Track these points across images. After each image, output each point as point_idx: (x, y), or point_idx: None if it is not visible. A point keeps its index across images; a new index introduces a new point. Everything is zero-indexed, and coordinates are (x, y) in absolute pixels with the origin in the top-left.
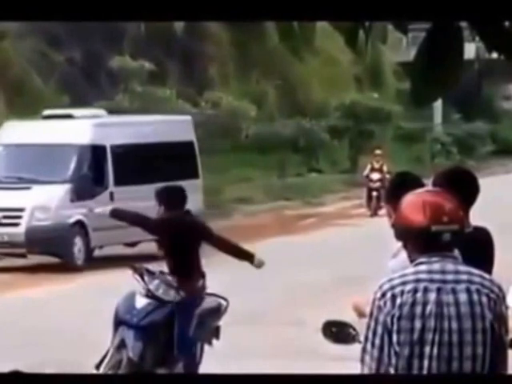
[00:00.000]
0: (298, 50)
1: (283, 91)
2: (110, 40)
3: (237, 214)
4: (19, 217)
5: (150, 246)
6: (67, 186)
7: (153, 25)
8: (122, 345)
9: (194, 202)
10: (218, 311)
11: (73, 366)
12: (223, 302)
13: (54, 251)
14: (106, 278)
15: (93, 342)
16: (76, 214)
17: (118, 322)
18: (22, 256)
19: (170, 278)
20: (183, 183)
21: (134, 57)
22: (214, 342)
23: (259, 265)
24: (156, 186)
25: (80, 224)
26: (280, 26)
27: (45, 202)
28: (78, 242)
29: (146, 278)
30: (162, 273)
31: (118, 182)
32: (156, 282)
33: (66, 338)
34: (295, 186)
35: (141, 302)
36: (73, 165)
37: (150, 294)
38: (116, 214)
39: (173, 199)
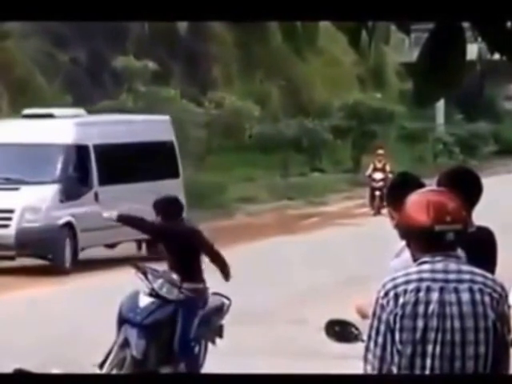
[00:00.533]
0: (301, 51)
1: (286, 91)
2: (114, 40)
3: (240, 213)
4: (9, 218)
5: (130, 246)
6: (56, 187)
7: (157, 25)
8: (125, 343)
9: None
10: (221, 310)
11: (74, 365)
12: (226, 301)
13: (45, 253)
14: (96, 280)
15: (90, 342)
16: (65, 215)
17: (122, 321)
18: (11, 258)
19: (174, 276)
20: (164, 182)
21: (138, 57)
22: (218, 340)
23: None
24: (138, 185)
25: (69, 225)
26: (283, 26)
27: (35, 202)
28: (68, 244)
29: (149, 276)
30: (165, 271)
31: (102, 181)
32: (160, 280)
33: (64, 339)
34: (298, 186)
35: (144, 300)
36: (60, 165)
37: (153, 293)
38: (122, 218)
39: (170, 209)
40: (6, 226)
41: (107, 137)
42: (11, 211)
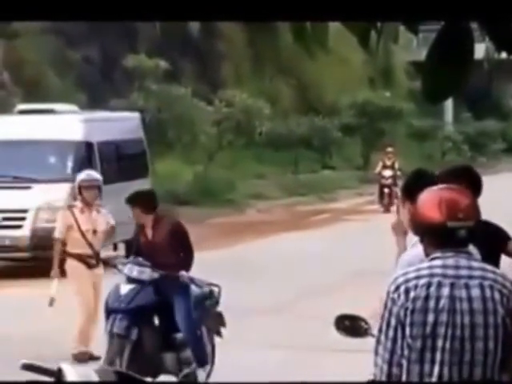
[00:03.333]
0: (311, 51)
1: (297, 89)
2: (126, 39)
3: (251, 209)
4: (22, 218)
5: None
6: (69, 185)
7: (168, 24)
8: (113, 331)
9: None
10: (212, 294)
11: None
12: (215, 288)
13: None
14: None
15: (98, 337)
16: None
17: (109, 313)
18: (22, 261)
19: (140, 258)
20: (137, 182)
21: (150, 55)
22: (227, 334)
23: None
24: (136, 182)
25: None
26: (293, 27)
27: (50, 201)
28: None
29: (119, 266)
30: (132, 257)
31: (103, 180)
32: (128, 265)
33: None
34: (308, 183)
35: (125, 288)
36: (70, 162)
37: (130, 280)
38: None
39: (149, 202)
40: (19, 227)
41: (108, 134)
42: (25, 211)
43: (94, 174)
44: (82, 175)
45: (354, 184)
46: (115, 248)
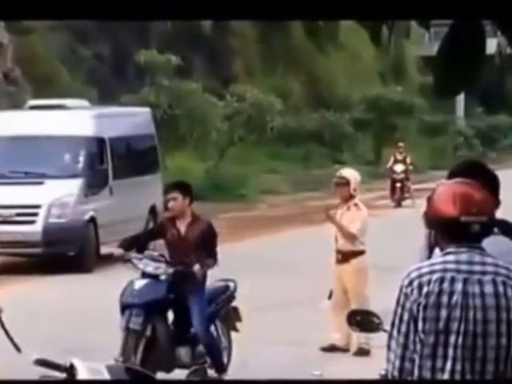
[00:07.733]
0: (323, 46)
1: (308, 85)
2: (138, 34)
3: (263, 204)
4: (35, 214)
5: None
6: (81, 180)
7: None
8: (127, 326)
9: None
10: (227, 289)
11: (93, 354)
12: (231, 284)
13: (72, 250)
14: (117, 274)
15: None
16: (89, 209)
17: (123, 308)
18: (32, 256)
19: (155, 253)
20: (148, 178)
21: (161, 51)
22: (242, 329)
23: None
24: (147, 177)
25: (92, 220)
26: (305, 23)
27: (62, 197)
28: (93, 240)
29: (134, 261)
30: (148, 252)
31: (114, 175)
32: (144, 260)
33: (85, 329)
34: (320, 178)
35: (139, 283)
36: (82, 158)
37: (145, 275)
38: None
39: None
40: (32, 223)
41: (120, 129)
42: (38, 207)
43: (344, 172)
44: (337, 173)
45: (365, 179)
46: None
